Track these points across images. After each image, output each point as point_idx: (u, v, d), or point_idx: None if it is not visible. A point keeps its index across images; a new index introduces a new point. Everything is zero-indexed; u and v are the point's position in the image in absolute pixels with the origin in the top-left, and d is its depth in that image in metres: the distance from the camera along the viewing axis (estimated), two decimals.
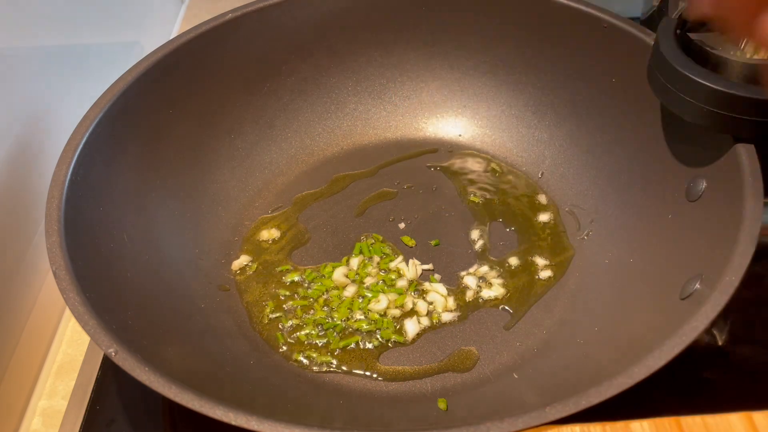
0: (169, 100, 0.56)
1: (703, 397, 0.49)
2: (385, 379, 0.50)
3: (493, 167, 0.63)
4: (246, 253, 0.58)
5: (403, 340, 0.52)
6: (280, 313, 0.54)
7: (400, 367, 0.51)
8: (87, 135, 0.49)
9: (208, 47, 0.58)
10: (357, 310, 0.53)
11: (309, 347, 0.52)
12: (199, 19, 0.58)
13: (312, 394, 0.49)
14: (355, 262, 0.56)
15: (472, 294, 0.54)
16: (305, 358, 0.51)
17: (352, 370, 0.50)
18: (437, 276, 0.56)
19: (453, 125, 0.66)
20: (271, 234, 0.59)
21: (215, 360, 0.48)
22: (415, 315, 0.53)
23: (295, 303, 0.54)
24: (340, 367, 0.51)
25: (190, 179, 0.58)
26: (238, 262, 0.57)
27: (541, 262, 0.56)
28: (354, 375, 0.50)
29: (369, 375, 0.50)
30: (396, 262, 0.56)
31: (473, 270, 0.56)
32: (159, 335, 0.46)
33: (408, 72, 0.66)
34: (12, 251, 0.54)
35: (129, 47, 0.74)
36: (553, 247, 0.57)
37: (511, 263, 0.56)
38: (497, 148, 0.65)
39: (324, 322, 0.53)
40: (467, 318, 0.53)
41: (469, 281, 0.55)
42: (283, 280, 0.56)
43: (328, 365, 0.51)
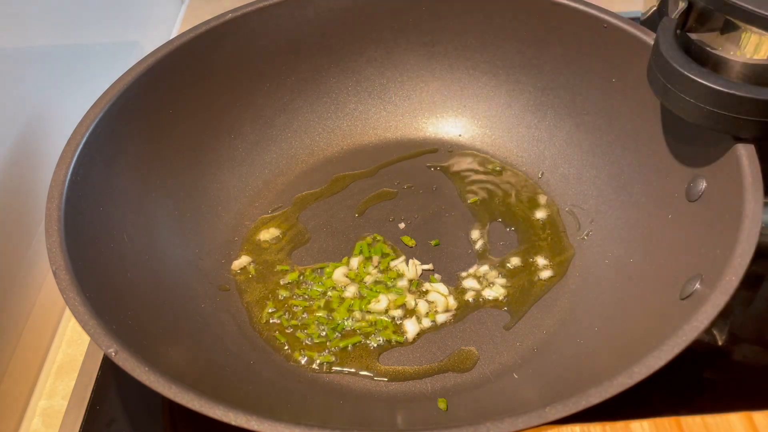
0: (169, 100, 0.56)
1: (703, 397, 0.49)
2: (385, 379, 0.50)
3: (493, 167, 0.63)
4: (246, 253, 0.58)
5: (403, 340, 0.52)
6: (280, 313, 0.54)
7: (400, 367, 0.51)
8: (87, 135, 0.49)
9: (208, 47, 0.58)
10: (357, 310, 0.53)
11: (309, 347, 0.52)
12: (199, 19, 0.58)
13: (312, 394, 0.49)
14: (355, 262, 0.56)
15: (472, 294, 0.54)
16: (305, 358, 0.51)
17: (352, 370, 0.50)
18: (437, 276, 0.56)
19: (453, 125, 0.66)
20: (271, 234, 0.59)
21: (215, 360, 0.48)
22: (415, 315, 0.53)
23: (295, 303, 0.54)
24: (340, 367, 0.51)
25: (190, 179, 0.58)
26: (238, 262, 0.57)
27: (542, 262, 0.56)
28: (354, 375, 0.50)
29: (369, 375, 0.50)
30: (396, 262, 0.56)
31: (473, 270, 0.56)
32: (159, 335, 0.46)
33: (408, 72, 0.66)
34: (12, 251, 0.54)
35: (129, 47, 0.74)
36: (553, 247, 0.57)
37: (511, 263, 0.56)
38: (497, 148, 0.65)
39: (324, 322, 0.53)
40: (467, 318, 0.53)
41: (469, 281, 0.55)
42: (283, 280, 0.56)
43: (328, 365, 0.51)
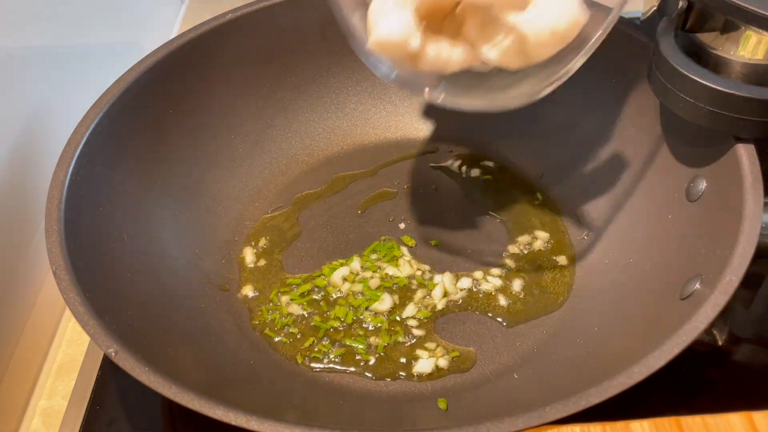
0: (169, 100, 0.56)
1: (703, 397, 0.49)
2: (386, 379, 0.50)
3: (493, 167, 0.63)
4: (246, 254, 0.58)
5: (404, 340, 0.52)
6: (280, 313, 0.54)
7: (400, 367, 0.51)
8: (87, 135, 0.49)
9: (208, 47, 0.58)
10: (357, 310, 0.53)
11: (309, 347, 0.52)
12: (199, 19, 0.58)
13: (312, 394, 0.49)
14: (356, 262, 0.56)
15: (472, 294, 0.54)
16: (305, 358, 0.51)
17: (352, 370, 0.50)
18: (437, 276, 0.56)
19: (453, 125, 0.66)
20: (271, 234, 0.59)
21: (215, 360, 0.48)
22: (416, 315, 0.53)
23: (296, 303, 0.54)
24: (340, 367, 0.51)
25: (190, 179, 0.58)
26: (238, 262, 0.57)
27: (542, 262, 0.56)
28: (354, 375, 0.50)
29: (369, 375, 0.50)
30: (397, 262, 0.56)
31: (473, 270, 0.56)
32: (159, 335, 0.46)
33: None
34: (12, 251, 0.54)
35: (129, 47, 0.74)
36: (553, 247, 0.57)
37: (511, 263, 0.56)
38: (497, 147, 0.64)
39: (324, 322, 0.53)
40: (467, 318, 0.53)
41: (469, 281, 0.55)
42: (283, 280, 0.56)
43: (328, 365, 0.51)
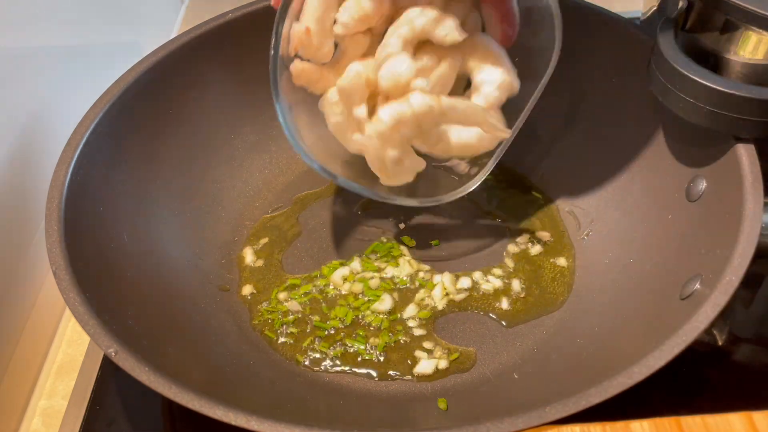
0: (169, 100, 0.56)
1: (703, 397, 0.49)
2: (386, 379, 0.50)
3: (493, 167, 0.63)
4: (246, 254, 0.58)
5: (404, 340, 0.52)
6: (280, 313, 0.54)
7: (400, 367, 0.51)
8: (87, 135, 0.49)
9: (208, 47, 0.57)
10: (357, 310, 0.53)
11: (309, 347, 0.52)
12: (199, 19, 0.58)
13: (312, 394, 0.49)
14: (356, 262, 0.56)
15: (472, 294, 0.54)
16: (305, 358, 0.51)
17: (352, 370, 0.50)
18: (437, 276, 0.56)
19: None
20: (271, 234, 0.59)
21: (215, 360, 0.48)
22: (416, 315, 0.53)
23: (296, 303, 0.54)
24: (340, 367, 0.51)
25: (190, 179, 0.58)
26: (238, 262, 0.57)
27: (541, 262, 0.56)
28: (354, 375, 0.50)
29: (369, 375, 0.50)
30: (397, 262, 0.56)
31: (473, 270, 0.56)
32: (159, 335, 0.46)
33: None
34: (12, 251, 0.54)
35: (129, 47, 0.74)
36: (553, 247, 0.57)
37: (511, 263, 0.56)
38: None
39: (324, 322, 0.53)
40: (467, 318, 0.53)
41: (469, 281, 0.55)
42: (283, 280, 0.56)
43: (328, 365, 0.51)
